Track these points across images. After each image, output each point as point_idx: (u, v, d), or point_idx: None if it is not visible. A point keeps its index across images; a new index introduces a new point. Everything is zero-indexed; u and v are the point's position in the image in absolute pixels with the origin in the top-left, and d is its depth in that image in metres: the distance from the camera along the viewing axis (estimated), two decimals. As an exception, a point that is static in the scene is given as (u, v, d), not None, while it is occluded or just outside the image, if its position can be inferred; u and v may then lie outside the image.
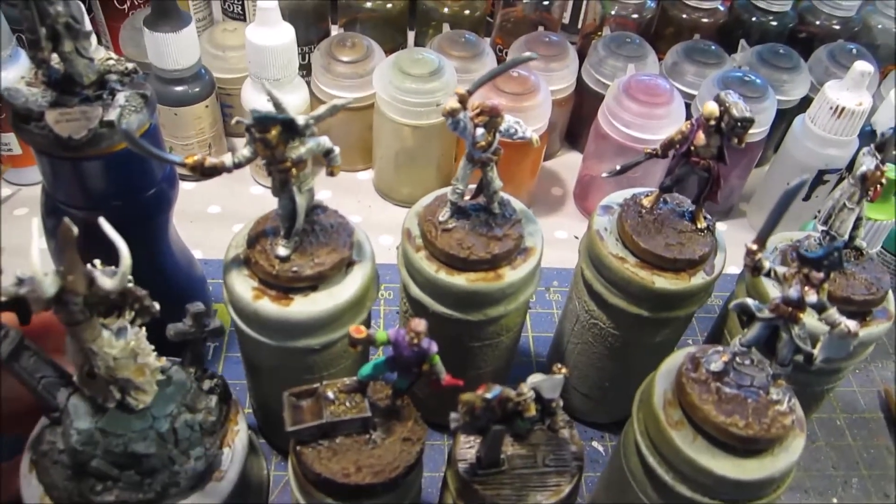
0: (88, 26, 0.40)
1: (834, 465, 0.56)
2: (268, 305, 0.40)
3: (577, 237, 0.69)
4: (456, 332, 0.45)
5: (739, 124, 0.40)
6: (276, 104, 0.36)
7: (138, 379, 0.35)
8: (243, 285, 0.41)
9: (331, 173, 0.39)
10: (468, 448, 0.39)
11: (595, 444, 0.55)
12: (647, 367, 0.52)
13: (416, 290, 0.44)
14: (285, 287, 0.40)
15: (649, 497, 0.40)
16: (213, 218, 0.67)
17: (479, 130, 0.40)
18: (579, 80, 0.74)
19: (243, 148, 0.37)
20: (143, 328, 0.36)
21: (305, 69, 0.73)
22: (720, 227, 0.73)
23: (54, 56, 0.40)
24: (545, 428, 0.39)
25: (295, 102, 0.64)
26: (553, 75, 0.70)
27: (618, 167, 0.47)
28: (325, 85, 0.67)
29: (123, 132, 0.34)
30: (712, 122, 0.41)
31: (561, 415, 0.39)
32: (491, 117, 0.39)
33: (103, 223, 0.33)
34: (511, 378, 0.53)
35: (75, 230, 0.31)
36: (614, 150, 0.65)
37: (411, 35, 0.82)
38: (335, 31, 0.78)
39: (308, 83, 0.68)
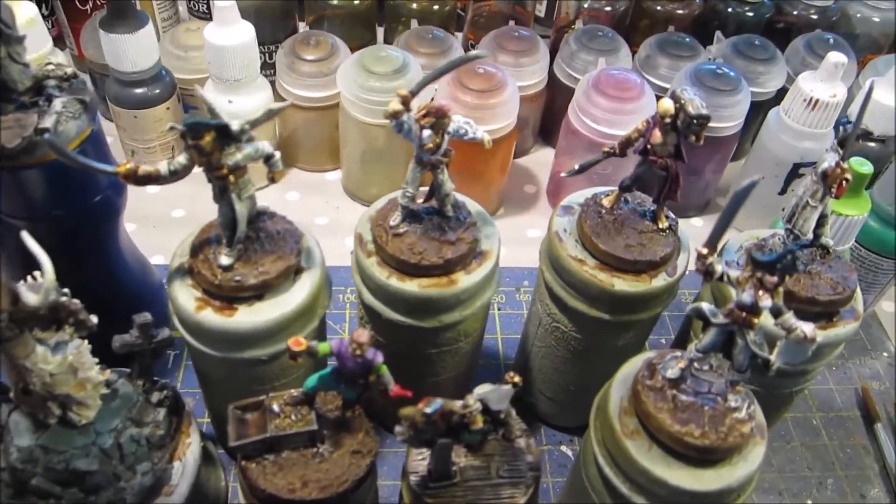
0: (22, 31, 0.39)
1: (809, 465, 0.54)
2: (211, 316, 0.38)
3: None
4: (411, 338, 0.44)
5: (695, 121, 0.39)
6: (210, 109, 0.35)
7: (79, 394, 0.34)
8: (186, 296, 0.39)
9: (272, 179, 0.38)
10: (420, 460, 0.38)
11: (564, 448, 0.54)
12: (611, 371, 0.51)
13: (368, 297, 0.43)
14: (229, 297, 0.39)
15: (607, 507, 0.39)
16: (177, 222, 0.66)
17: (426, 132, 0.38)
18: (551, 74, 0.72)
19: (180, 155, 0.36)
20: (86, 341, 0.34)
21: (271, 68, 0.71)
22: (696, 222, 0.73)
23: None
24: (500, 438, 0.38)
25: (257, 103, 0.62)
26: (523, 70, 0.68)
27: (576, 166, 0.45)
28: (288, 84, 0.65)
29: (50, 142, 0.33)
30: (668, 120, 0.40)
31: (517, 423, 0.38)
32: (437, 118, 0.38)
33: (25, 236, 0.32)
34: (476, 381, 0.52)
35: None
36: (585, 146, 0.64)
37: (380, 32, 0.81)
38: (302, 28, 0.77)
39: (273, 83, 0.67)
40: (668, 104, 0.40)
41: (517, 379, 0.35)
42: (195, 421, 0.40)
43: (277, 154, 0.37)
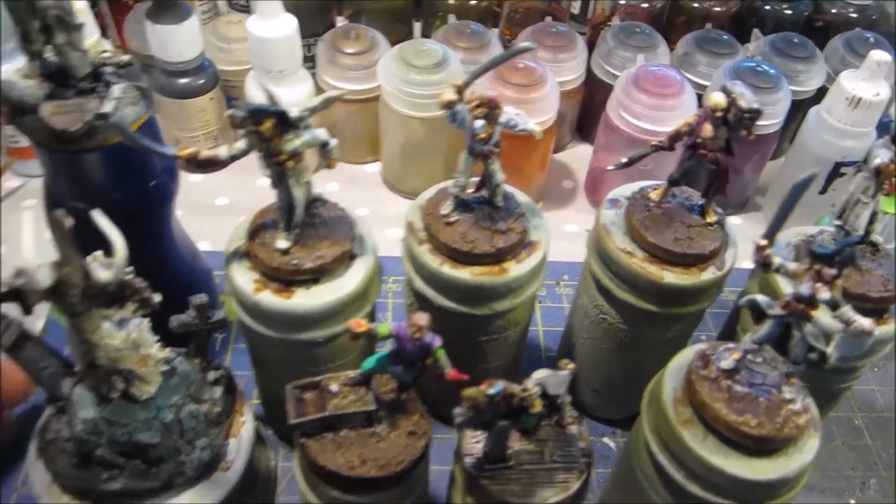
0: (80, 19, 0.39)
1: (851, 465, 0.54)
2: (269, 298, 0.39)
3: (587, 231, 0.68)
4: (462, 326, 0.44)
5: (747, 115, 0.39)
6: (270, 96, 0.35)
7: (141, 369, 0.35)
8: (244, 278, 0.40)
9: (328, 166, 0.38)
10: (475, 443, 0.38)
11: (606, 440, 0.54)
12: (657, 363, 0.51)
13: (420, 284, 0.43)
14: (287, 280, 0.39)
15: (660, 495, 0.39)
16: (220, 210, 0.67)
17: (479, 122, 0.39)
18: (589, 71, 0.73)
19: (239, 141, 0.37)
20: (147, 319, 0.35)
21: (311, 61, 0.72)
22: (734, 220, 0.72)
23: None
24: (553, 424, 0.39)
25: (299, 95, 0.63)
26: (561, 66, 0.68)
27: (624, 160, 0.46)
28: (329, 77, 0.66)
29: (115, 125, 0.33)
30: (719, 114, 0.40)
31: (569, 411, 0.38)
32: (490, 109, 0.38)
33: (96, 215, 0.32)
34: (521, 373, 0.52)
35: (69, 222, 0.31)
36: (624, 142, 0.64)
37: (417, 27, 0.81)
38: (340, 22, 0.77)
39: (313, 76, 0.68)
40: (719, 98, 0.40)
41: (571, 365, 0.36)
42: (248, 402, 0.41)
43: (334, 141, 0.38)
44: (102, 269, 0.32)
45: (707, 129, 0.41)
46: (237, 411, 0.39)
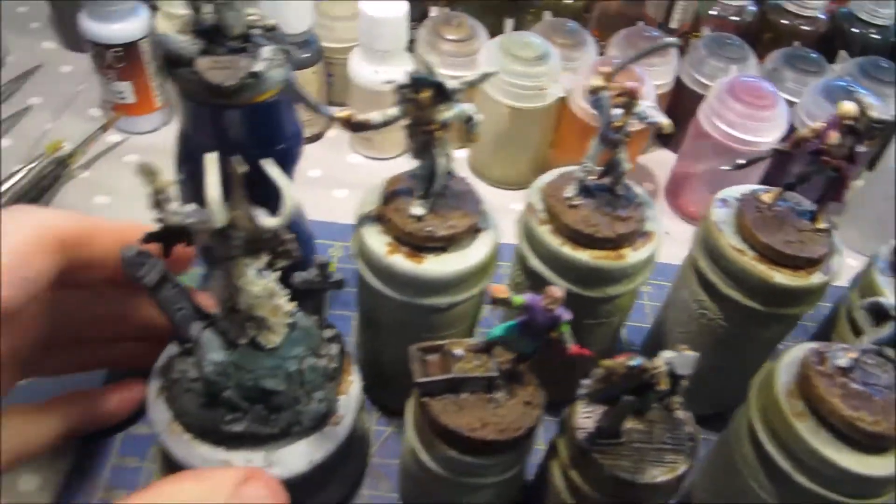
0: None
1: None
2: (401, 261, 0.41)
3: (667, 233, 0.69)
4: (573, 307, 0.45)
5: (877, 125, 0.41)
6: (430, 68, 0.37)
7: (272, 318, 0.37)
8: (377, 240, 0.41)
9: (469, 140, 0.40)
10: (586, 418, 0.39)
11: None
12: (751, 363, 0.52)
13: (535, 263, 0.45)
14: (418, 245, 0.41)
15: (761, 484, 0.40)
16: (313, 181, 0.69)
17: (617, 111, 0.40)
18: (677, 78, 0.74)
19: (392, 108, 0.38)
20: (276, 273, 0.37)
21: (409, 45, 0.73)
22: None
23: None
24: (661, 407, 0.40)
25: (401, 76, 0.65)
26: (653, 71, 0.70)
27: (742, 161, 0.47)
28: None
29: (289, 81, 0.35)
30: (848, 122, 0.41)
31: (678, 396, 0.40)
32: (630, 99, 0.40)
33: (267, 164, 0.34)
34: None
35: (242, 168, 0.32)
36: (714, 149, 0.65)
37: (508, 22, 0.82)
38: (434, 12, 0.79)
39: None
40: (850, 106, 0.41)
41: (687, 349, 0.37)
42: (354, 362, 0.42)
43: (479, 117, 0.39)
44: (267, 217, 0.34)
45: (833, 137, 0.42)
46: (346, 370, 0.41)
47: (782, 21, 0.78)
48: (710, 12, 0.77)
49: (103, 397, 0.47)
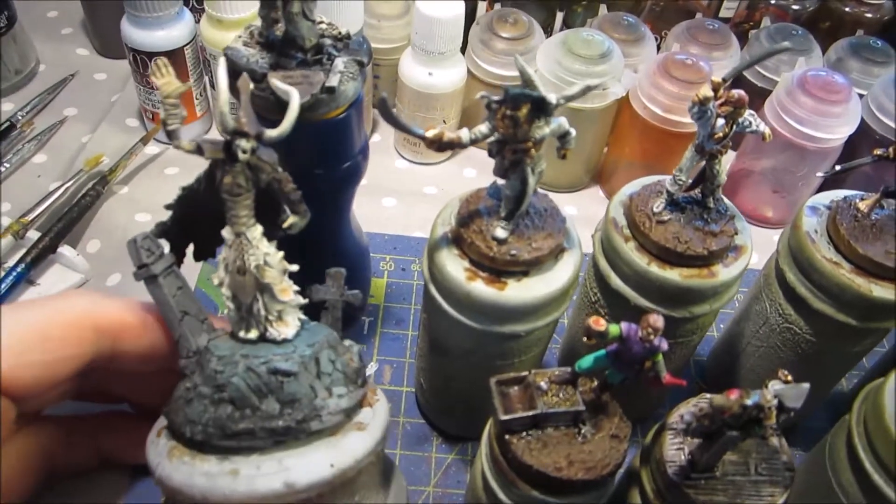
0: (313, -11, 0.39)
1: None
2: (482, 288, 0.38)
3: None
4: (655, 328, 0.43)
5: None
6: (529, 81, 0.34)
7: (282, 296, 0.33)
8: (455, 265, 0.39)
9: (563, 156, 0.38)
10: (676, 449, 0.37)
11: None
12: (831, 378, 0.50)
13: (617, 282, 0.43)
14: (498, 270, 0.39)
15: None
16: (361, 189, 0.66)
17: (720, 121, 0.38)
18: (736, 70, 0.71)
19: (481, 124, 0.36)
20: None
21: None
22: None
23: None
24: (757, 434, 0.38)
25: (454, 77, 0.63)
26: (715, 64, 0.67)
27: (837, 167, 0.44)
28: (483, 61, 0.65)
29: (381, 102, 0.33)
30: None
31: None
32: (735, 108, 0.37)
33: (273, 80, 0.35)
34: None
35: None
36: (779, 146, 0.63)
37: (559, 16, 0.80)
38: (481, 7, 0.76)
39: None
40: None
41: (791, 377, 0.35)
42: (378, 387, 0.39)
43: (573, 131, 0.37)
44: (271, 131, 0.32)
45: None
46: (371, 391, 0.36)
47: (845, 9, 0.75)
48: (771, 1, 0.74)
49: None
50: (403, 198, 0.67)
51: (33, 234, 0.56)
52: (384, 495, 0.37)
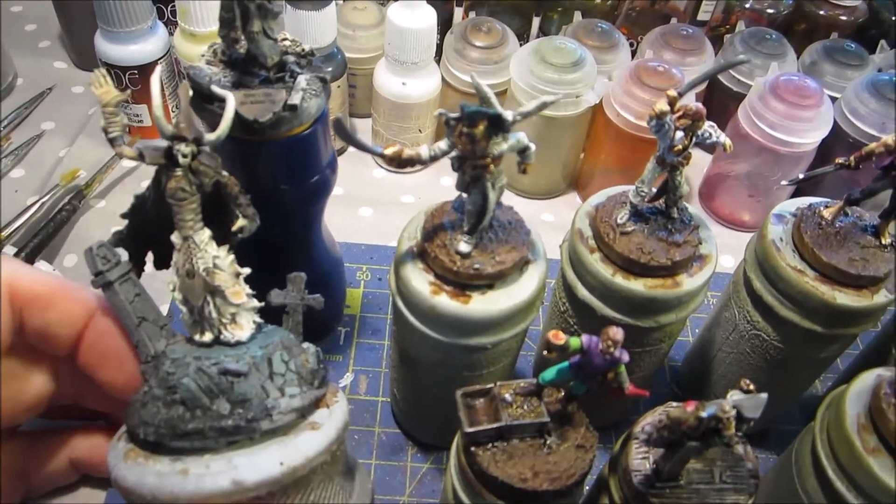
0: (278, 7, 0.39)
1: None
2: (446, 301, 0.39)
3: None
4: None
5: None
6: (484, 97, 0.35)
7: (234, 299, 0.34)
8: (419, 279, 0.40)
9: (523, 171, 0.38)
10: (641, 458, 0.38)
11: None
12: (802, 382, 0.50)
13: (584, 293, 0.43)
14: (463, 284, 0.39)
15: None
16: (337, 199, 0.67)
17: (679, 133, 0.38)
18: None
19: (440, 141, 0.36)
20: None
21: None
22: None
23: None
24: (721, 443, 0.38)
25: (428, 87, 0.63)
26: (688, 70, 0.67)
27: (800, 175, 0.45)
28: (457, 70, 0.65)
29: (337, 123, 0.33)
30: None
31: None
32: (694, 120, 0.38)
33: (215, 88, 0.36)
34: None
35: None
36: (754, 150, 0.63)
37: (535, 21, 0.80)
38: (458, 14, 0.76)
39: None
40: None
41: (752, 386, 0.35)
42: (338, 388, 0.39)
43: (532, 146, 0.37)
44: (210, 135, 0.32)
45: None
46: (331, 392, 0.36)
47: (819, 12, 0.75)
48: (746, 5, 0.74)
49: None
50: (380, 207, 0.67)
51: (10, 250, 0.56)
52: (345, 495, 0.37)
